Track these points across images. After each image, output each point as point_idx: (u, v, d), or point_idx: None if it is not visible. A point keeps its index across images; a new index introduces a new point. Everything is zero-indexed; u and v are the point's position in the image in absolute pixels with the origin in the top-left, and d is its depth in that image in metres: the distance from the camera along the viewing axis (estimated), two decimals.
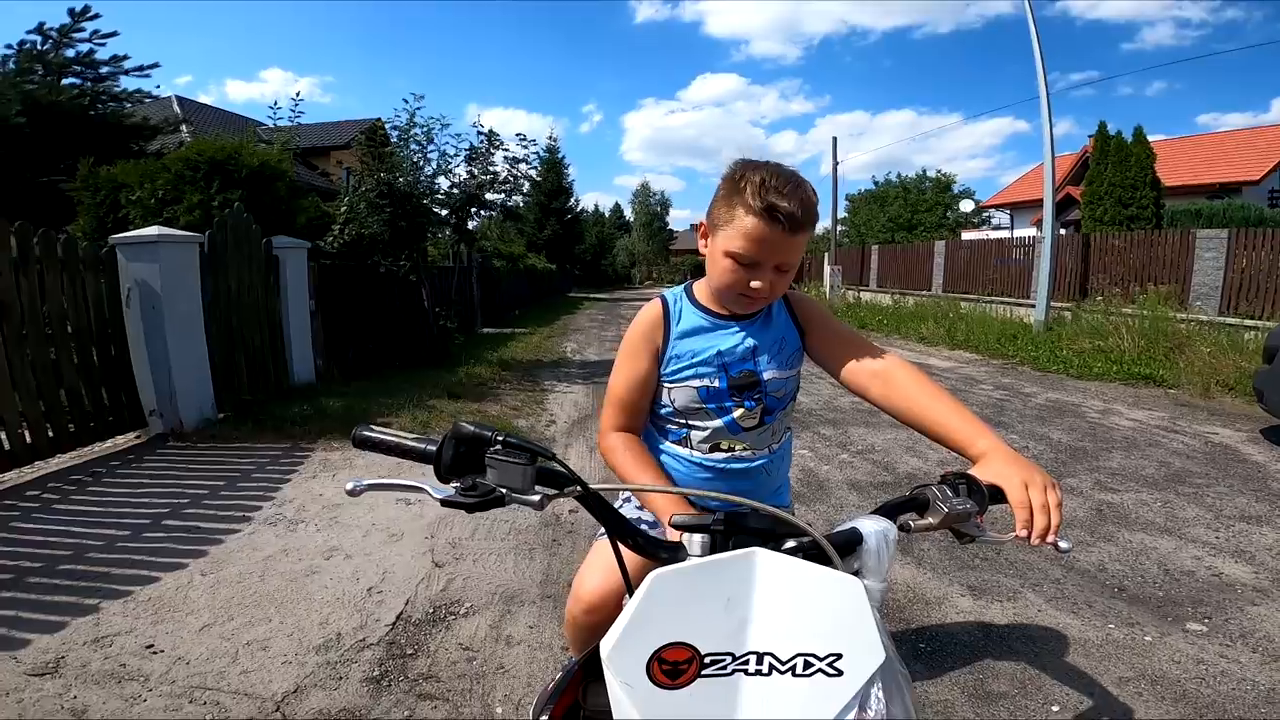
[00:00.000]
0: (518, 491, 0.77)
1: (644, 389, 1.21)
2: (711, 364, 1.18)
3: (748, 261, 1.07)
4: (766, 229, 1.04)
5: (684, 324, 1.21)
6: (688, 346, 1.20)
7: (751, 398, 1.19)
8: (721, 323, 1.20)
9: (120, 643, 2.29)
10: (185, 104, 18.81)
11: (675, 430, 1.25)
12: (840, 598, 0.69)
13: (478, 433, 0.80)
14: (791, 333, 1.22)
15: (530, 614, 2.54)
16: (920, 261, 16.46)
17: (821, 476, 4.12)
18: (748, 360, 1.19)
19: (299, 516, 3.45)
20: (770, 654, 0.68)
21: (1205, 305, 9.03)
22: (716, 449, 1.23)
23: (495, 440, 0.79)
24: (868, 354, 1.13)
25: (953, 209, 37.55)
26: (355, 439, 0.88)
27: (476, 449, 0.80)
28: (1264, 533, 3.29)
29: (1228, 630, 2.43)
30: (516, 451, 0.78)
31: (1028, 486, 0.83)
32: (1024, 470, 0.85)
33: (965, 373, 8.30)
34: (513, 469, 0.78)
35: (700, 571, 0.71)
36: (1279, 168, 21.63)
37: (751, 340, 1.19)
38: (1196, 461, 4.46)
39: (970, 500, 0.83)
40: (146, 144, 8.91)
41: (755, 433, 1.22)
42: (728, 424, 1.21)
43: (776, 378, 1.20)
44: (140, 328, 4.52)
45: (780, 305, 1.24)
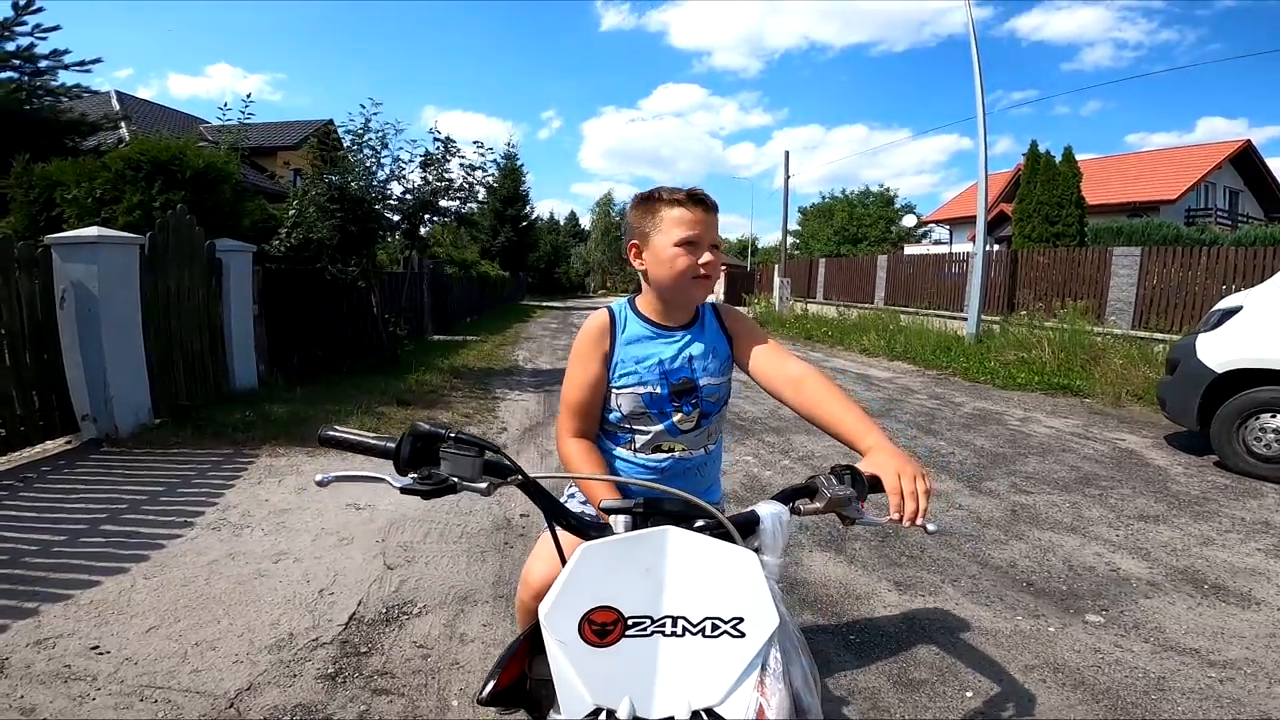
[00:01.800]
0: (468, 480, 0.89)
1: (595, 391, 1.34)
2: (653, 371, 1.33)
3: (692, 241, 1.25)
4: (694, 211, 1.26)
5: (629, 332, 1.35)
6: (632, 353, 1.34)
7: (689, 402, 1.34)
8: (663, 332, 1.35)
9: (64, 644, 2.27)
10: (125, 99, 18.09)
11: (621, 435, 1.38)
12: (740, 569, 0.82)
13: (433, 430, 0.92)
14: (721, 342, 1.38)
15: (484, 613, 2.60)
16: (864, 275, 17.00)
17: (764, 481, 4.31)
18: (685, 368, 1.34)
19: (244, 522, 3.43)
20: (684, 617, 0.81)
21: (1119, 319, 9.65)
22: (658, 450, 1.37)
23: (448, 436, 0.91)
24: (784, 361, 1.31)
25: (895, 223, 38.91)
26: (321, 438, 0.99)
27: (432, 444, 0.92)
28: (1160, 531, 3.59)
29: (1123, 621, 2.64)
30: (467, 446, 0.90)
31: (900, 476, 0.98)
32: (898, 462, 1.00)
33: (902, 383, 8.68)
34: (463, 461, 0.90)
35: (621, 544, 0.84)
36: (1195, 187, 23.14)
37: (689, 348, 1.34)
38: (1104, 466, 4.82)
39: (852, 489, 0.98)
40: (83, 140, 8.59)
41: (693, 434, 1.37)
42: (668, 427, 1.35)
43: (711, 384, 1.36)
44: (75, 330, 4.39)
45: (711, 317, 1.40)
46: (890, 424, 6.05)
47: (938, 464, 4.77)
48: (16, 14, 7.72)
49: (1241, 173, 25.21)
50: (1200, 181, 23.26)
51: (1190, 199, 23.36)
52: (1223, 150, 24.40)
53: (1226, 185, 25.11)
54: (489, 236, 34.38)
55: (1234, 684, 2.23)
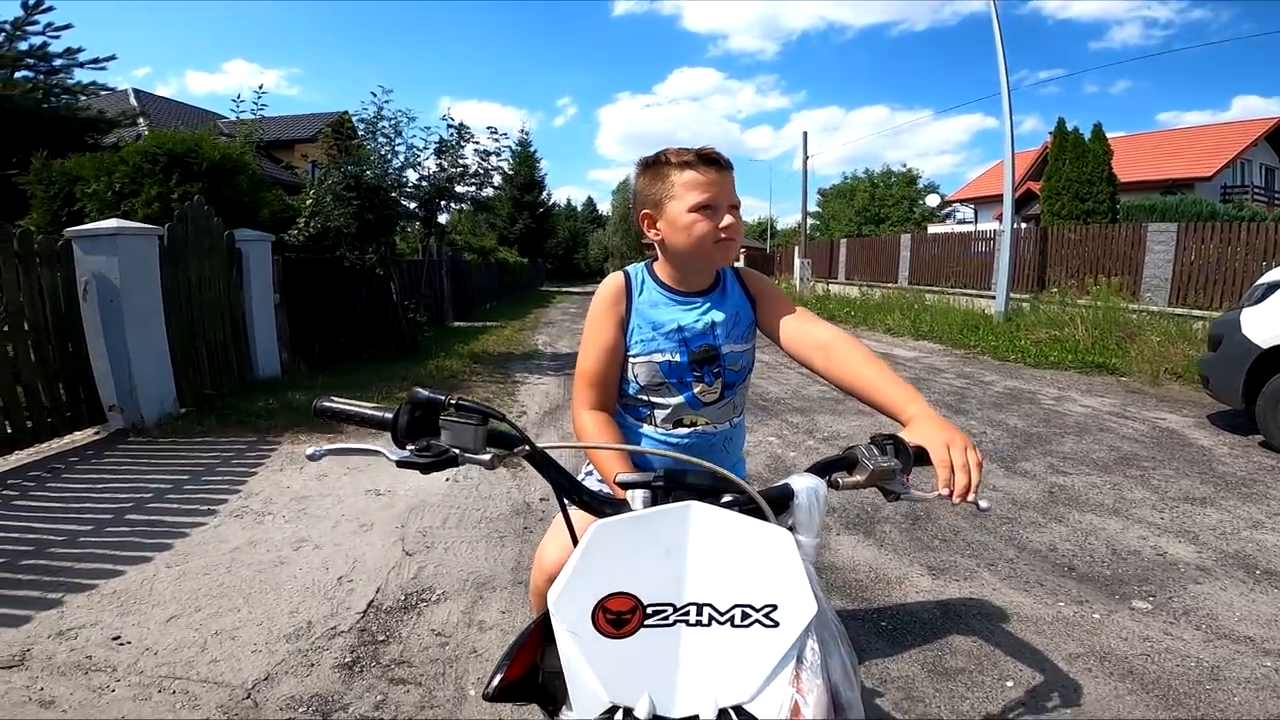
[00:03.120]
0: (470, 451, 0.82)
1: (612, 359, 1.25)
2: (672, 338, 1.24)
3: (710, 204, 1.15)
4: (707, 171, 1.16)
5: (645, 296, 1.26)
6: (649, 318, 1.25)
7: (711, 372, 1.25)
8: (682, 298, 1.26)
9: (86, 635, 2.27)
10: (142, 97, 18.30)
11: (640, 409, 1.30)
12: (773, 550, 0.73)
13: (432, 397, 0.84)
14: (745, 306, 1.29)
15: (502, 599, 2.56)
16: (887, 254, 16.73)
17: (788, 462, 4.21)
18: (707, 334, 1.25)
19: (266, 509, 3.43)
20: (709, 605, 0.72)
21: (1155, 296, 9.36)
22: (680, 424, 1.28)
23: (449, 404, 0.83)
24: (812, 326, 1.21)
25: (918, 203, 38.24)
26: (316, 409, 0.92)
27: (431, 413, 0.84)
28: (1207, 513, 3.43)
29: (1172, 608, 2.51)
30: (468, 413, 0.82)
31: (949, 447, 0.88)
32: (946, 432, 0.91)
33: (929, 362, 8.49)
34: (465, 430, 0.82)
35: (638, 522, 0.74)
36: (1231, 164, 22.42)
37: (710, 315, 1.25)
38: (1145, 446, 4.65)
39: (896, 460, 0.87)
40: (102, 137, 8.67)
41: (716, 407, 1.28)
42: (689, 399, 1.26)
43: (734, 351, 1.27)
44: (98, 322, 4.41)
45: (733, 280, 1.30)
46: None
47: None
48: (26, 13, 7.78)
49: (1278, 150, 24.37)
50: (1236, 159, 22.55)
51: (1226, 176, 22.67)
52: (1258, 127, 23.60)
53: (1262, 162, 24.34)
54: (507, 223, 34.43)
55: None
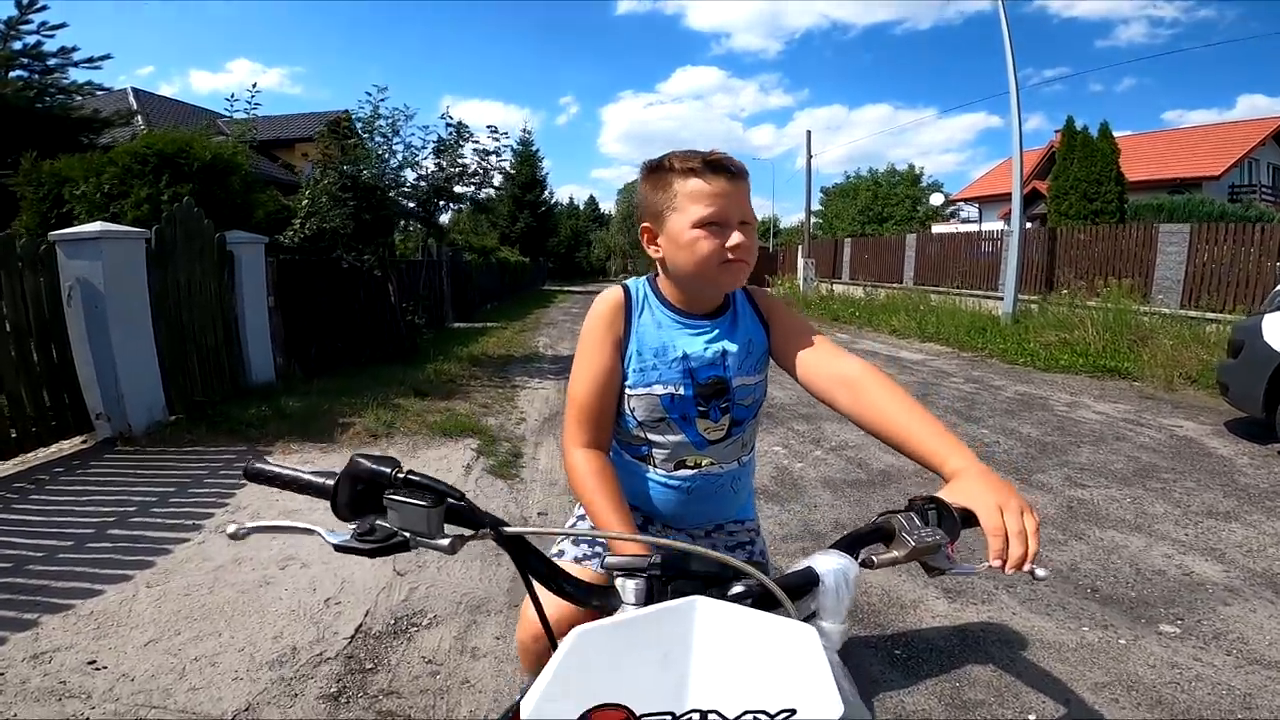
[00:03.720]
0: (423, 535, 0.69)
1: (609, 387, 1.10)
2: (676, 368, 1.09)
3: (716, 220, 1.01)
4: (715, 180, 1.01)
5: (647, 316, 1.12)
6: (651, 342, 1.10)
7: (718, 407, 1.10)
8: (689, 321, 1.11)
9: (61, 659, 2.19)
10: (142, 96, 18.17)
11: (639, 446, 1.16)
12: (792, 647, 0.62)
13: (375, 470, 0.70)
14: (758, 332, 1.14)
15: (496, 624, 2.45)
16: (892, 254, 16.60)
17: (795, 474, 4.07)
18: (716, 365, 1.10)
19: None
20: (716, 712, 0.59)
21: (1167, 298, 9.20)
22: (682, 465, 1.14)
23: (395, 479, 0.69)
24: (835, 358, 1.05)
25: (922, 202, 38.05)
26: (247, 472, 0.79)
27: (376, 489, 0.70)
28: (1232, 529, 3.31)
29: (1201, 632, 2.41)
30: (420, 492, 0.69)
31: (1003, 511, 0.75)
32: (999, 493, 0.77)
33: (936, 365, 8.35)
34: (415, 511, 0.69)
35: (631, 626, 0.63)
36: (1239, 163, 22.28)
37: (720, 343, 1.11)
38: (1163, 456, 4.51)
39: (940, 530, 0.75)
40: (96, 137, 8.55)
41: (722, 445, 1.14)
42: (692, 439, 1.12)
43: (745, 384, 1.12)
44: (83, 327, 4.29)
45: (744, 302, 1.16)
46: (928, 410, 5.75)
47: (982, 454, 4.43)
48: (21, 12, 7.66)
49: None
50: (1244, 158, 22.45)
51: (1233, 175, 22.56)
52: (1266, 126, 23.52)
53: (1270, 161, 24.23)
54: (508, 222, 34.32)
55: None
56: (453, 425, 4.91)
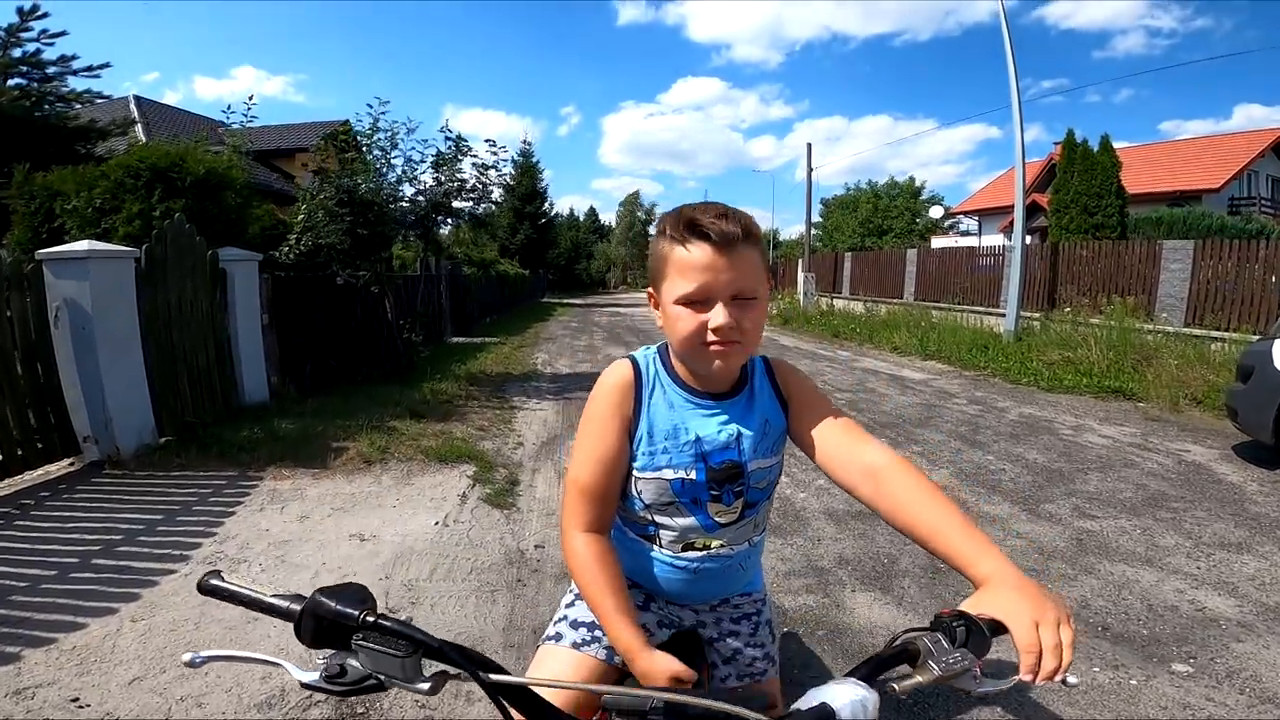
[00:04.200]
0: (399, 679, 0.63)
1: (614, 471, 1.02)
2: (688, 452, 1.01)
3: (696, 298, 0.91)
4: (698, 252, 0.91)
5: (658, 395, 1.03)
6: (662, 424, 1.02)
7: (732, 491, 1.02)
8: (700, 402, 1.03)
9: (43, 695, 2.14)
10: (144, 104, 18.15)
11: (641, 525, 1.08)
12: None
13: (340, 611, 0.63)
14: (776, 411, 1.05)
15: None
16: (893, 269, 16.53)
17: (798, 506, 3.98)
18: (731, 449, 1.02)
19: (242, 555, 3.22)
20: None
21: (1171, 316, 9.11)
22: (690, 548, 1.06)
23: (363, 623, 0.63)
24: (859, 445, 0.96)
25: (922, 215, 38.11)
26: (201, 587, 0.72)
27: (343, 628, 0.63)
28: (1245, 561, 3.24)
29: (1214, 670, 2.36)
30: (393, 639, 0.62)
31: (1039, 626, 0.69)
32: (1034, 605, 0.70)
33: (939, 385, 8.27)
34: (389, 660, 0.63)
35: None
36: (1239, 176, 22.29)
37: (735, 425, 1.02)
38: (1172, 483, 4.42)
39: (968, 652, 0.68)
40: (94, 147, 8.49)
41: (734, 528, 1.05)
42: (703, 523, 1.04)
43: (760, 467, 1.04)
44: (70, 349, 4.20)
45: (763, 376, 1.07)
46: (931, 434, 5.66)
47: (988, 483, 4.40)
48: (22, 19, 7.62)
49: None
50: (1243, 170, 22.46)
51: (1233, 188, 22.56)
52: (1265, 138, 23.55)
53: (1269, 173, 24.25)
54: (508, 234, 34.31)
55: None
56: (448, 450, 4.82)
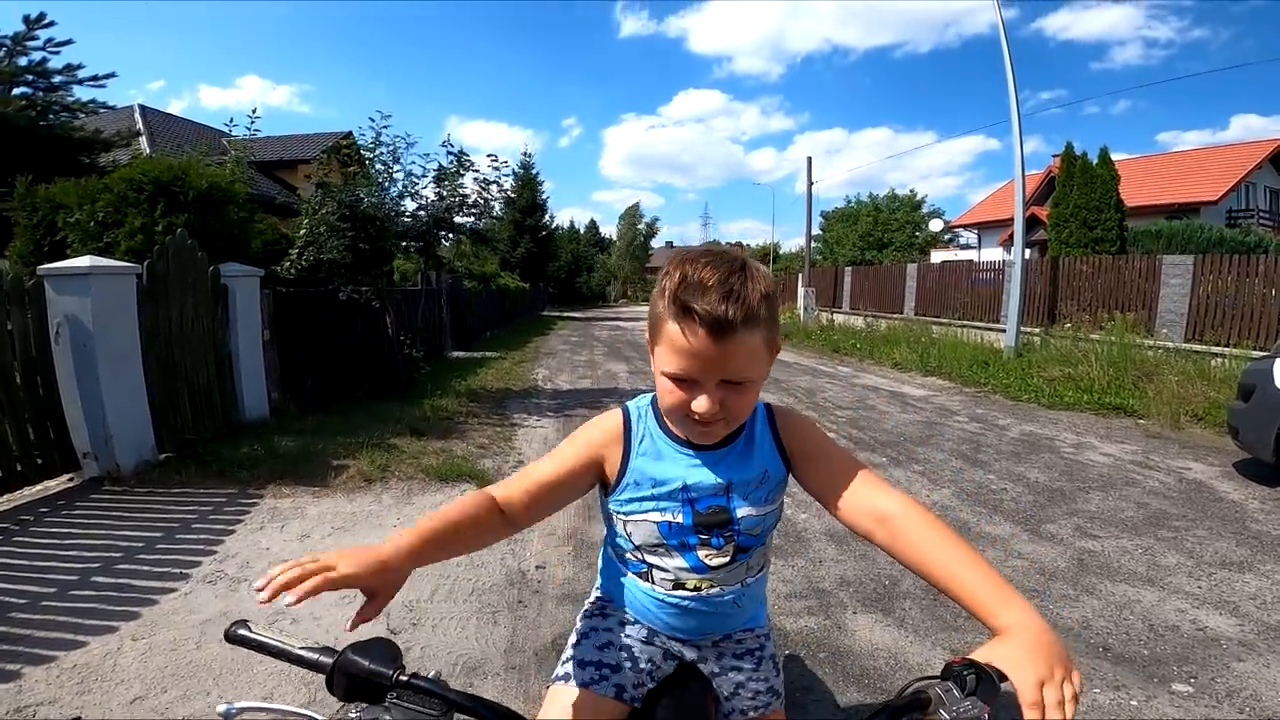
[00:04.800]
0: None
1: (558, 493, 1.02)
2: (675, 497, 1.01)
3: (681, 379, 0.90)
4: (688, 336, 0.86)
5: (647, 446, 1.03)
6: (649, 473, 1.02)
7: (721, 535, 1.02)
8: (689, 454, 1.02)
9: (44, 713, 2.14)
10: (149, 114, 18.29)
11: (635, 563, 1.09)
12: None
13: (374, 670, 0.64)
14: (776, 463, 1.04)
15: (494, 686, 2.36)
16: (893, 283, 16.57)
17: (799, 526, 3.96)
18: (719, 496, 1.01)
19: (242, 574, 3.21)
20: None
21: (1171, 332, 9.12)
22: (681, 587, 1.06)
23: (396, 682, 0.63)
24: (873, 492, 0.96)
25: (922, 228, 38.21)
26: (229, 636, 0.73)
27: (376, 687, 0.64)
28: (1246, 580, 3.23)
29: (1214, 690, 2.36)
30: (427, 699, 0.63)
31: (1044, 685, 0.71)
32: (1043, 663, 0.73)
33: (940, 402, 8.26)
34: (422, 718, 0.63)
35: None
36: (1237, 188, 22.35)
37: (725, 476, 1.02)
38: (1174, 502, 4.41)
39: (978, 701, 0.71)
40: (98, 158, 8.53)
41: (725, 570, 1.05)
42: (692, 565, 1.04)
43: (751, 515, 1.03)
44: (71, 366, 4.20)
45: (765, 428, 1.05)
46: (932, 453, 5.65)
47: (989, 502, 4.38)
48: (28, 27, 7.68)
49: None
50: (1241, 182, 22.51)
51: (1231, 200, 22.60)
52: (1263, 149, 23.62)
53: (1267, 185, 24.30)
54: (509, 247, 34.38)
55: None
56: (449, 469, 4.81)
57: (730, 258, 0.91)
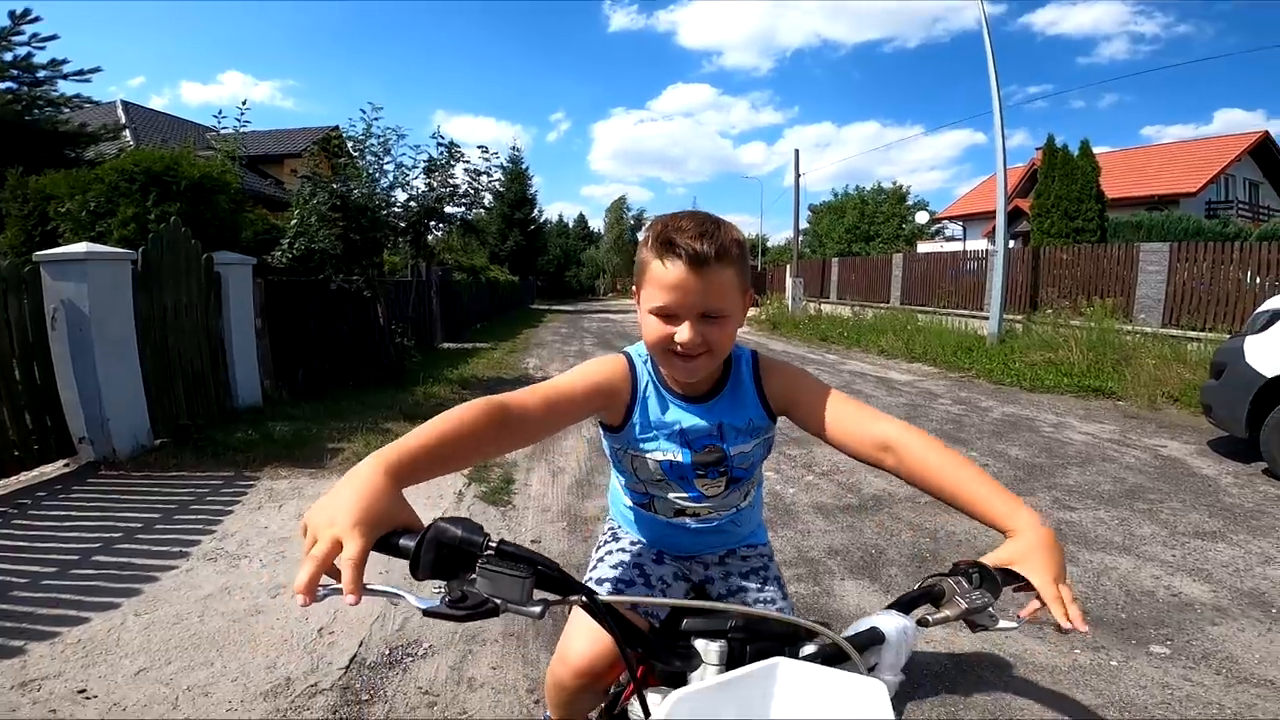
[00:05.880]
0: (515, 602, 0.68)
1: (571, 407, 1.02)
2: (675, 439, 1.11)
3: (665, 313, 0.98)
4: (670, 269, 0.95)
5: (651, 392, 1.12)
6: (653, 416, 1.12)
7: (717, 470, 1.13)
8: (687, 405, 1.11)
9: (50, 687, 2.16)
10: (131, 109, 18.14)
11: (639, 495, 1.21)
12: (862, 702, 0.69)
13: (466, 538, 0.69)
14: (760, 413, 1.12)
15: (493, 654, 2.43)
16: (879, 273, 16.75)
17: (787, 500, 4.07)
18: (714, 436, 1.11)
19: (242, 551, 3.26)
20: None
21: (1149, 317, 9.33)
22: (682, 514, 1.18)
23: (487, 547, 0.69)
24: (870, 421, 1.03)
25: (908, 220, 38.51)
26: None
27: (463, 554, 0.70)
28: (1218, 549, 3.35)
29: (1190, 652, 2.45)
30: (513, 562, 0.69)
31: (1058, 583, 0.83)
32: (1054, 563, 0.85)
33: (924, 386, 8.42)
34: (510, 582, 0.68)
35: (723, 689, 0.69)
36: (1216, 179, 22.71)
37: (720, 420, 1.11)
38: (1149, 476, 4.56)
39: (985, 592, 0.82)
40: (84, 151, 8.50)
41: (721, 497, 1.17)
42: (691, 495, 1.15)
43: (742, 451, 1.13)
44: (67, 351, 4.23)
45: (749, 377, 1.13)
46: None
47: None
48: (14, 23, 7.63)
49: (1261, 164, 24.81)
50: (1220, 174, 22.86)
51: (1210, 191, 22.96)
52: (1242, 142, 23.99)
53: (1246, 177, 24.72)
54: (498, 240, 34.33)
55: None
56: None
57: (704, 212, 1.02)
